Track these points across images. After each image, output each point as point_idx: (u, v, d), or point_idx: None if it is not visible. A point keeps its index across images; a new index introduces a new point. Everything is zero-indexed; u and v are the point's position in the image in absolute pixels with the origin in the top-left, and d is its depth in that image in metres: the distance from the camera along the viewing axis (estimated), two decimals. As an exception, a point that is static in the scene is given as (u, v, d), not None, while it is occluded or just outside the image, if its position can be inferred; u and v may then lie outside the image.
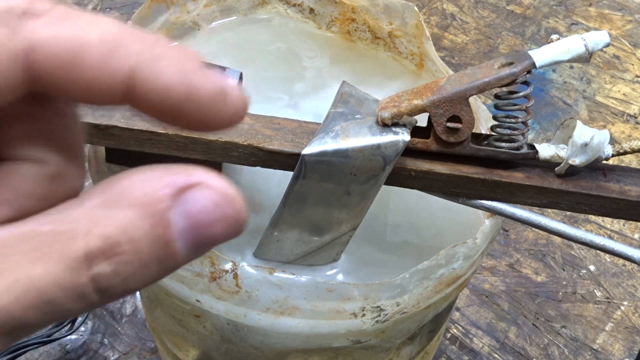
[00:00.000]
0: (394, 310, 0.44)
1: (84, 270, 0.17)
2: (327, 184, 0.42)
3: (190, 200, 0.18)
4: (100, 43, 0.18)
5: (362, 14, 0.59)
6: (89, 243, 0.17)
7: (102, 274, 0.18)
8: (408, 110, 0.40)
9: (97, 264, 0.17)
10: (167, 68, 0.19)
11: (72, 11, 0.19)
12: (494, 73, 0.39)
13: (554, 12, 1.16)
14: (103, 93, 0.18)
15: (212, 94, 0.19)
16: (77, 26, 0.18)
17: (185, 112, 0.19)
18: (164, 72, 0.18)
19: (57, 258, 0.17)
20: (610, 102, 1.03)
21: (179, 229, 0.18)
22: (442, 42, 1.09)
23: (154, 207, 0.18)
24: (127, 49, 0.18)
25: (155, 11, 0.56)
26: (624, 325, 0.80)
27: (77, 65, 0.18)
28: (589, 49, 0.39)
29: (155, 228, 0.18)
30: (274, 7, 0.62)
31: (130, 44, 0.18)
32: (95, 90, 0.18)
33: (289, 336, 0.45)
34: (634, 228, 0.89)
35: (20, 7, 0.18)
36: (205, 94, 0.19)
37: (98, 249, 0.17)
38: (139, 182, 0.18)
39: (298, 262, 0.47)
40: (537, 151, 0.42)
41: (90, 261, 0.17)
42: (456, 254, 0.44)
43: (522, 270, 0.84)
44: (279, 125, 0.43)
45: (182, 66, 0.19)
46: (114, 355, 0.75)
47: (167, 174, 0.18)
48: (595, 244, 0.43)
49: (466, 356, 0.78)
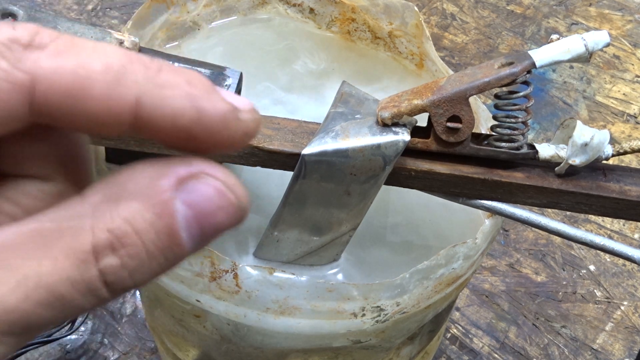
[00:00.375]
0: (394, 310, 0.44)
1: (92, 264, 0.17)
2: (327, 184, 0.42)
3: (193, 189, 0.18)
4: (104, 73, 0.18)
5: (362, 14, 0.59)
6: (95, 237, 0.17)
7: (110, 266, 0.18)
8: (408, 110, 0.40)
9: (105, 257, 0.17)
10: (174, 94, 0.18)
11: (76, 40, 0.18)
12: (494, 73, 0.39)
13: (554, 12, 1.16)
14: (110, 123, 0.18)
15: (222, 115, 0.19)
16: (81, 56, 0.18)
17: (195, 135, 0.19)
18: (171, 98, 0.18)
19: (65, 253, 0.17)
20: (610, 102, 1.03)
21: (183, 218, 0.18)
22: (442, 42, 1.09)
23: (157, 198, 0.18)
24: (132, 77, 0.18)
25: (155, 11, 0.56)
26: (624, 325, 0.80)
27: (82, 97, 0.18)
28: (589, 49, 0.39)
29: (160, 218, 0.18)
30: (274, 7, 0.62)
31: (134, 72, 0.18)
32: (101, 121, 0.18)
33: (289, 336, 0.45)
34: (634, 228, 0.89)
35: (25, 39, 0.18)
36: (215, 115, 0.19)
37: (105, 242, 0.17)
38: (141, 175, 0.18)
39: (298, 262, 0.47)
40: (537, 151, 0.42)
41: (98, 255, 0.17)
42: (456, 254, 0.44)
43: (522, 270, 0.84)
44: (279, 125, 0.43)
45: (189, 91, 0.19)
46: (114, 355, 0.75)
47: (168, 166, 0.18)
48: (595, 244, 0.43)
49: (466, 356, 0.78)
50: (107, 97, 0.18)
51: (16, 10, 0.44)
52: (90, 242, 0.17)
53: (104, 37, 0.45)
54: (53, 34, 0.18)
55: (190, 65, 0.48)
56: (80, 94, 0.18)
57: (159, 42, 0.57)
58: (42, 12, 0.45)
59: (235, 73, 0.48)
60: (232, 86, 0.47)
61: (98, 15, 1.08)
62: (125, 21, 1.06)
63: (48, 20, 0.44)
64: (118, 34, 0.46)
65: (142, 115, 0.18)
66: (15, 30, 0.18)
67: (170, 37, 0.58)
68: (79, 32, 0.45)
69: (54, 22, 0.44)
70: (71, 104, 0.18)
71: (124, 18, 1.08)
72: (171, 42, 0.58)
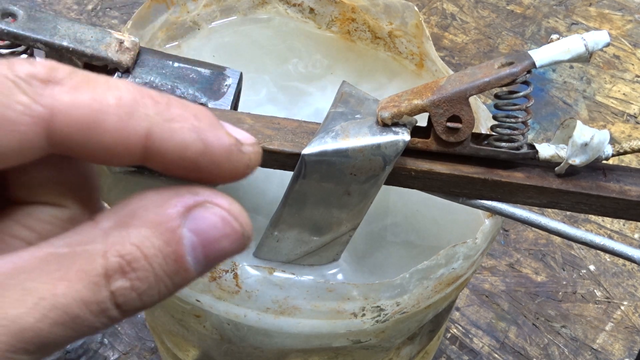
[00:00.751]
0: (394, 310, 0.44)
1: (104, 287, 0.19)
2: (327, 184, 0.42)
3: (199, 217, 0.20)
4: (117, 107, 0.19)
5: (362, 14, 0.59)
6: (107, 261, 0.19)
7: (121, 289, 0.19)
8: (408, 110, 0.40)
9: (116, 281, 0.19)
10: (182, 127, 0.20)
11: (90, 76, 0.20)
12: (494, 73, 0.39)
13: (554, 12, 1.16)
14: (121, 155, 0.19)
15: (226, 147, 0.20)
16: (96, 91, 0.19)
17: (201, 167, 0.20)
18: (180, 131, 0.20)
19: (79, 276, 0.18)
20: (610, 102, 1.03)
21: (189, 244, 0.19)
22: (442, 42, 1.09)
23: (165, 225, 0.19)
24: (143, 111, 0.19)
25: (155, 11, 0.56)
26: (624, 325, 0.80)
27: (97, 129, 0.19)
28: (589, 49, 0.39)
29: (168, 244, 0.19)
30: (274, 7, 0.62)
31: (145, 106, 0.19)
32: (113, 153, 0.19)
33: (289, 336, 0.45)
34: (634, 228, 0.89)
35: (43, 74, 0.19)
36: (220, 148, 0.20)
37: (116, 266, 0.19)
38: (150, 202, 0.20)
39: (298, 262, 0.47)
40: (537, 151, 0.42)
41: (110, 278, 0.19)
42: (456, 253, 0.44)
43: (522, 270, 0.84)
44: (279, 125, 0.43)
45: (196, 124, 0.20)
46: (114, 355, 0.75)
47: (176, 195, 0.20)
48: (595, 244, 0.43)
49: (466, 356, 0.78)
50: (120, 129, 0.19)
51: (16, 10, 0.44)
52: (102, 265, 0.19)
53: (104, 37, 0.45)
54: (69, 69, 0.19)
55: (191, 65, 0.48)
56: (95, 127, 0.19)
57: (159, 42, 0.57)
58: (42, 12, 0.45)
59: (235, 73, 0.48)
60: (232, 86, 0.47)
61: (98, 15, 1.08)
62: (125, 21, 1.06)
63: (48, 20, 0.44)
64: (118, 34, 0.46)
65: (152, 147, 0.19)
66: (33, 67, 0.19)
67: (170, 37, 0.58)
68: (79, 32, 0.45)
69: (54, 22, 0.44)
70: (86, 136, 0.19)
71: (124, 18, 1.08)
72: (171, 42, 0.58)
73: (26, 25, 0.43)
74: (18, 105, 0.18)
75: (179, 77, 0.47)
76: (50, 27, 0.44)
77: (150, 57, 0.47)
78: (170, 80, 0.47)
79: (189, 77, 0.47)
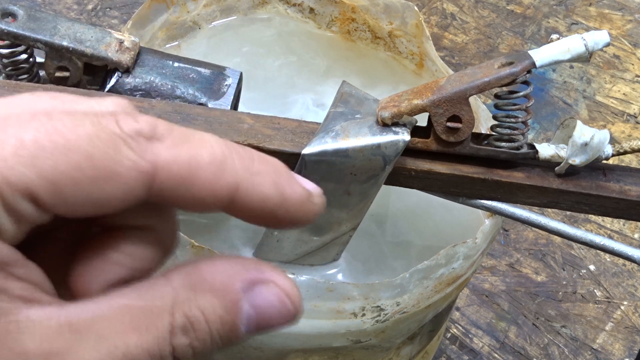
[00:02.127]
0: (394, 310, 0.44)
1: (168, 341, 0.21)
2: (327, 184, 0.42)
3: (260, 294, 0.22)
4: (211, 163, 0.21)
5: (362, 14, 0.59)
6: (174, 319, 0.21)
7: (181, 345, 0.21)
8: (408, 110, 0.40)
9: (179, 337, 0.21)
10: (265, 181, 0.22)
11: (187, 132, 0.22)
12: (494, 73, 0.39)
13: (554, 11, 1.16)
14: (210, 205, 0.22)
15: (300, 199, 0.23)
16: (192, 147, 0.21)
17: (278, 216, 0.23)
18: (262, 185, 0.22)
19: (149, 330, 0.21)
20: (610, 102, 1.03)
21: (246, 316, 0.22)
22: (442, 42, 1.09)
23: (229, 297, 0.22)
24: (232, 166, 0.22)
25: (155, 11, 0.56)
26: (624, 325, 0.80)
27: (192, 183, 0.21)
28: (589, 49, 0.39)
29: (228, 314, 0.22)
30: (274, 7, 0.62)
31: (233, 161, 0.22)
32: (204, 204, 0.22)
33: (289, 336, 0.45)
34: (634, 228, 0.89)
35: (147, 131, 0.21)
36: (295, 200, 0.23)
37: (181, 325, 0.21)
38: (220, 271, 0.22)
39: (298, 262, 0.47)
40: (537, 151, 0.42)
41: (174, 334, 0.21)
42: (456, 253, 0.44)
43: (522, 270, 0.84)
44: (279, 125, 0.43)
45: (276, 179, 0.22)
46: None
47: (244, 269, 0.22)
48: (595, 244, 0.43)
49: (466, 356, 0.78)
50: (213, 183, 0.21)
51: (16, 10, 0.44)
52: (169, 322, 0.21)
53: (104, 37, 0.45)
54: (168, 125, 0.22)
55: (191, 65, 0.48)
56: (191, 181, 0.21)
57: (159, 42, 0.57)
58: (42, 12, 0.45)
59: (235, 73, 0.48)
60: (232, 86, 0.47)
61: (98, 15, 1.08)
62: (125, 21, 1.06)
63: (48, 20, 0.44)
64: (118, 34, 0.46)
65: (237, 199, 0.22)
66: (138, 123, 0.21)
67: (170, 37, 0.58)
68: (79, 32, 0.45)
69: (54, 22, 0.44)
70: (183, 189, 0.21)
71: (124, 18, 1.08)
72: (171, 42, 0.58)
73: (26, 25, 0.43)
74: (126, 161, 0.20)
75: (179, 77, 0.47)
76: (50, 27, 0.44)
77: (150, 57, 0.47)
78: (170, 80, 0.47)
79: (189, 77, 0.47)
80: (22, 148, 0.19)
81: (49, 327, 0.20)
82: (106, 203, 0.21)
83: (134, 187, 0.21)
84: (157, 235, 0.23)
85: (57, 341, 0.20)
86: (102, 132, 0.20)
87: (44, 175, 0.19)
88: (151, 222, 0.23)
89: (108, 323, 0.20)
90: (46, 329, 0.20)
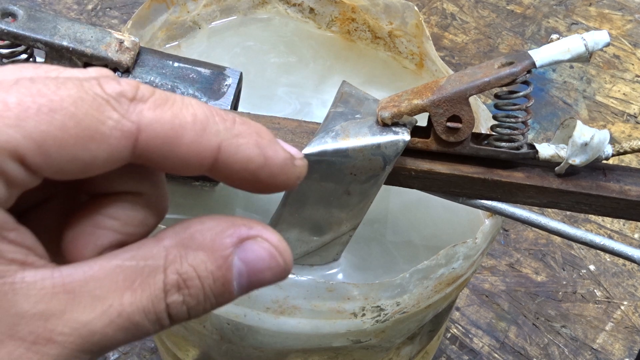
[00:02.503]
0: (394, 310, 0.44)
1: (162, 299, 0.21)
2: (327, 184, 0.42)
3: (249, 249, 0.22)
4: (193, 124, 0.21)
5: (362, 14, 0.59)
6: (167, 277, 0.21)
7: (175, 302, 0.22)
8: (408, 110, 0.40)
9: (172, 295, 0.21)
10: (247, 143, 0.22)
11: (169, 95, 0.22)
12: (494, 73, 0.39)
13: (554, 11, 1.16)
14: (193, 166, 0.22)
15: (282, 161, 0.23)
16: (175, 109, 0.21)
17: (260, 178, 0.23)
18: (245, 146, 0.22)
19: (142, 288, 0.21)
20: (610, 102, 1.03)
21: (237, 271, 0.22)
22: (442, 42, 1.09)
23: (220, 252, 0.22)
24: (215, 128, 0.22)
25: (155, 11, 0.56)
26: (624, 325, 0.80)
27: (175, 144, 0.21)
28: (589, 49, 0.39)
29: (219, 269, 0.22)
30: (274, 7, 0.62)
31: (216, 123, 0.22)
32: (187, 164, 0.22)
33: (289, 336, 0.45)
34: (634, 228, 0.89)
35: (130, 93, 0.21)
36: (277, 162, 0.23)
37: (174, 282, 0.21)
38: (209, 229, 0.22)
39: (298, 262, 0.47)
40: (537, 151, 0.42)
41: (167, 292, 0.21)
42: (456, 253, 0.44)
43: (522, 270, 0.84)
44: (279, 124, 0.43)
45: (258, 140, 0.22)
46: (114, 355, 0.75)
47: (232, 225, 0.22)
48: (595, 244, 0.43)
49: (466, 356, 0.78)
50: (196, 143, 0.21)
51: (16, 10, 0.44)
52: (162, 280, 0.21)
53: (104, 37, 0.45)
54: (150, 88, 0.22)
55: (191, 65, 0.48)
56: (175, 141, 0.21)
57: (159, 42, 0.57)
58: (42, 12, 0.45)
59: (235, 73, 0.48)
60: (232, 86, 0.47)
61: (98, 15, 1.08)
62: (125, 21, 1.06)
63: (48, 20, 0.44)
64: (118, 34, 0.46)
65: (220, 160, 0.22)
66: (121, 85, 0.21)
67: (170, 37, 0.58)
68: (79, 32, 0.45)
69: (54, 22, 0.44)
70: (166, 149, 0.21)
71: (124, 18, 1.08)
72: (171, 42, 0.58)
73: (26, 25, 0.43)
74: (110, 121, 0.20)
75: (179, 77, 0.47)
76: (50, 27, 0.44)
77: (150, 57, 0.47)
78: (170, 80, 0.47)
79: (189, 77, 0.47)
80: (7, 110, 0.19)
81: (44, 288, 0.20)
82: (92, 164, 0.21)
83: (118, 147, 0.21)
84: (148, 200, 0.24)
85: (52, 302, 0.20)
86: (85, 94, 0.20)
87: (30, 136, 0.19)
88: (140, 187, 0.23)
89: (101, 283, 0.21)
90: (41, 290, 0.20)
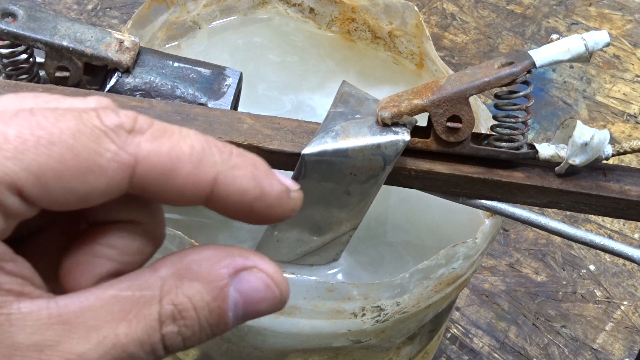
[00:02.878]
0: (394, 310, 0.44)
1: (157, 330, 0.21)
2: (327, 184, 0.42)
3: (245, 280, 0.22)
4: (190, 156, 0.21)
5: (362, 14, 0.59)
6: (162, 308, 0.21)
7: (170, 333, 0.21)
8: (408, 110, 0.40)
9: (168, 325, 0.21)
10: (243, 175, 0.22)
11: (167, 126, 0.22)
12: (494, 73, 0.39)
13: (554, 11, 1.16)
14: (190, 198, 0.22)
15: (278, 194, 0.23)
16: (172, 140, 0.22)
17: (255, 210, 0.23)
18: (241, 178, 0.22)
19: (137, 319, 0.21)
20: (610, 102, 1.03)
21: (233, 302, 0.22)
22: (442, 42, 1.09)
23: (216, 283, 0.22)
24: (211, 159, 0.22)
25: (155, 11, 0.56)
26: (624, 325, 0.80)
27: (172, 176, 0.21)
28: (589, 49, 0.39)
29: (215, 300, 0.22)
30: (274, 7, 0.62)
31: (213, 155, 0.22)
32: (184, 195, 0.22)
33: (289, 336, 0.45)
34: (634, 228, 0.89)
35: (128, 125, 0.21)
36: (273, 194, 0.23)
37: (169, 313, 0.21)
38: (205, 258, 0.22)
39: (298, 262, 0.47)
40: (537, 151, 0.42)
41: (163, 323, 0.21)
42: (456, 253, 0.44)
43: (522, 270, 0.84)
44: (279, 125, 0.43)
45: (254, 172, 0.22)
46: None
47: (229, 255, 0.22)
48: (595, 244, 0.43)
49: (466, 356, 0.78)
50: (193, 176, 0.21)
51: (16, 10, 0.44)
52: (158, 312, 0.21)
53: (104, 37, 0.45)
54: (149, 120, 0.22)
55: (191, 65, 0.48)
56: (172, 173, 0.21)
57: (158, 42, 0.57)
58: (42, 12, 0.45)
59: (235, 73, 0.48)
60: (232, 86, 0.47)
61: (98, 15, 1.08)
62: (125, 21, 1.06)
63: (48, 20, 0.44)
64: (118, 34, 0.46)
65: (216, 192, 0.22)
66: (119, 118, 0.21)
67: (170, 37, 0.58)
68: (79, 32, 0.45)
69: (54, 22, 0.44)
70: (163, 181, 0.21)
71: (124, 18, 1.08)
72: (171, 42, 0.58)
73: (26, 25, 0.43)
74: (107, 153, 0.21)
75: (179, 77, 0.47)
76: (50, 27, 0.44)
77: (150, 57, 0.47)
78: (170, 80, 0.47)
79: (189, 77, 0.47)
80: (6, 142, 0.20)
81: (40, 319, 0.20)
82: (90, 195, 0.21)
83: (116, 178, 0.21)
84: (145, 229, 0.24)
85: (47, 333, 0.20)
86: (84, 126, 0.21)
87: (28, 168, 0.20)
88: (138, 216, 0.23)
89: (97, 313, 0.21)
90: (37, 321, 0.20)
